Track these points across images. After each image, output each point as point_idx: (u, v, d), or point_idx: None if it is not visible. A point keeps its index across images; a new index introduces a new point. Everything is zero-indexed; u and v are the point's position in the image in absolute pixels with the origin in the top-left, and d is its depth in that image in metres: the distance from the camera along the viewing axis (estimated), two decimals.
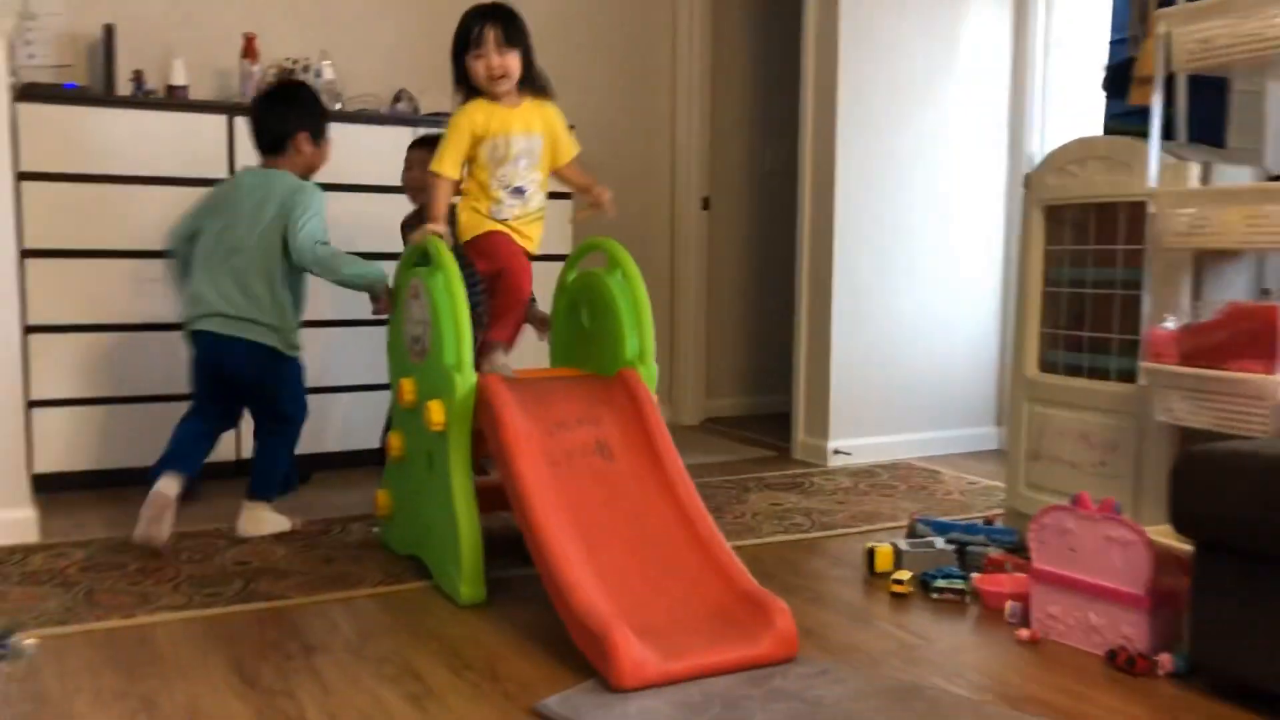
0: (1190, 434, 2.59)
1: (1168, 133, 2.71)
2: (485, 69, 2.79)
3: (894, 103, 4.25)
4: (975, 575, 2.70)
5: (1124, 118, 3.14)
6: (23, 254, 3.28)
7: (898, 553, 2.83)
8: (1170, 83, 2.73)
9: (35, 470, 3.36)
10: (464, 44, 2.83)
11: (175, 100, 3.77)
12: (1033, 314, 3.08)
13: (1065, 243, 3.02)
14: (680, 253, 5.12)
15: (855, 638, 2.42)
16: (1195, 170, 2.65)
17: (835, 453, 4.22)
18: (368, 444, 3.85)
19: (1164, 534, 2.32)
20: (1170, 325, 2.56)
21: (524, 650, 2.30)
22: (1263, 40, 2.40)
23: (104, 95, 3.70)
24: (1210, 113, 2.91)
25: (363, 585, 2.71)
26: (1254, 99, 2.93)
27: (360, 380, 3.92)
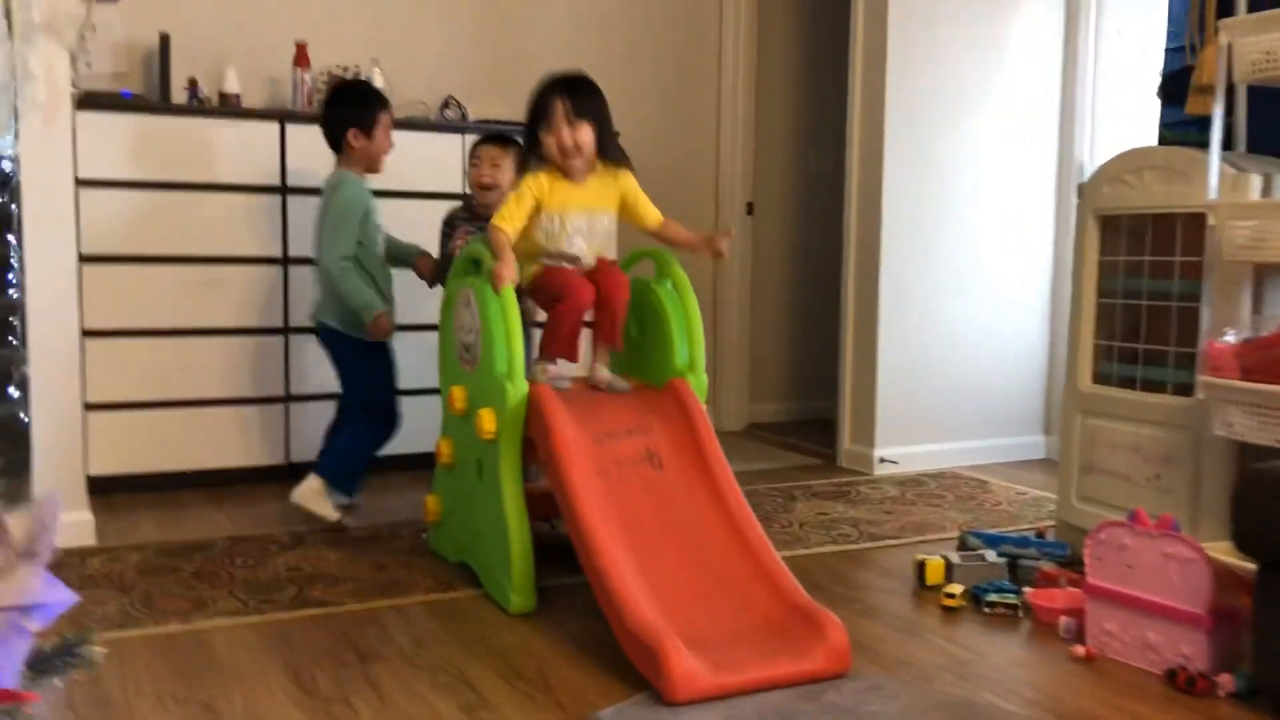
0: (1248, 449, 2.56)
1: (1226, 143, 2.68)
2: (557, 144, 2.72)
3: (942, 108, 4.23)
4: (1028, 589, 2.68)
5: (1179, 127, 3.11)
6: (80, 259, 3.33)
7: (949, 565, 2.82)
8: (1229, 92, 2.69)
9: (89, 473, 3.41)
10: (538, 117, 2.75)
11: (228, 108, 3.81)
12: (1086, 325, 3.05)
13: (1120, 253, 2.98)
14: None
15: (907, 651, 2.41)
16: (1257, 182, 2.61)
17: (882, 461, 4.20)
18: (418, 449, 3.86)
19: (1222, 551, 2.30)
20: (1230, 339, 2.52)
21: (575, 660, 2.31)
22: None
23: (159, 103, 3.75)
24: (1271, 123, 2.87)
25: (414, 592, 2.73)
26: None
27: (413, 384, 3.92)
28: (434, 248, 3.52)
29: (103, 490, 3.52)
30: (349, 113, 3.33)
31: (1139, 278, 2.93)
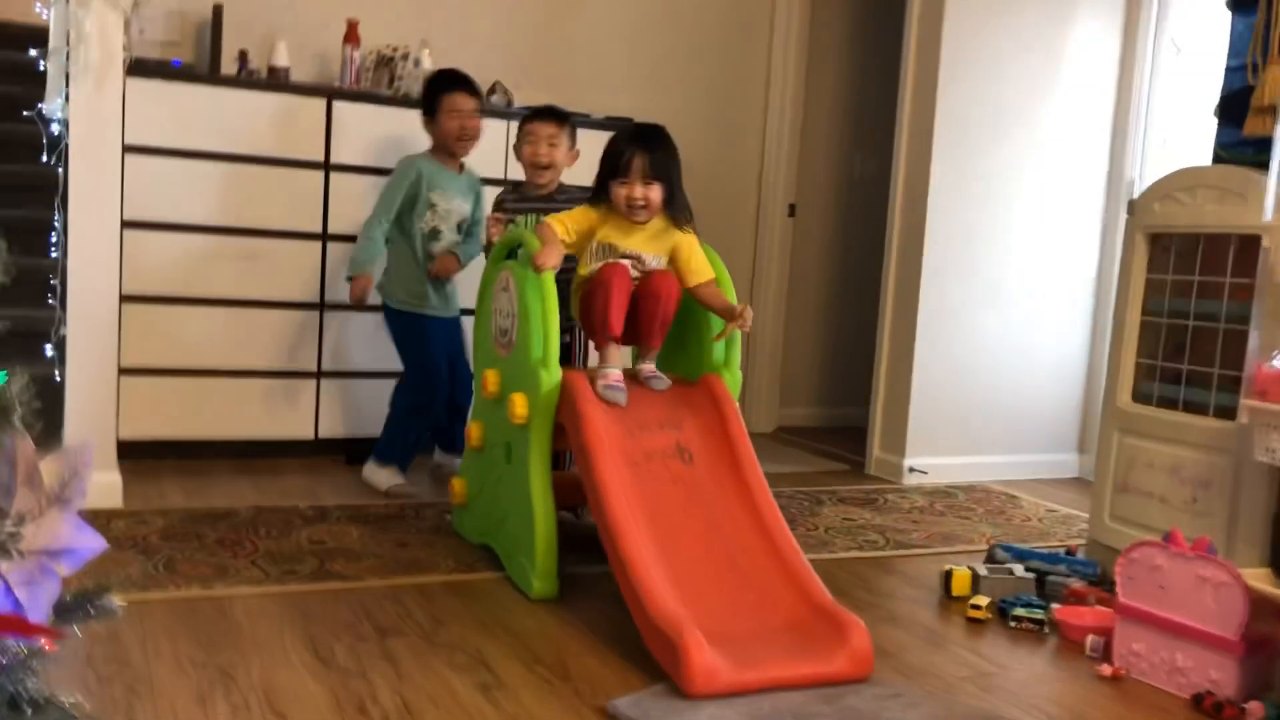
0: None
1: None
2: (626, 198, 2.71)
3: (993, 119, 4.18)
4: (1055, 606, 2.64)
5: (1236, 147, 3.05)
6: (123, 225, 3.35)
7: (976, 577, 2.78)
8: None
9: (120, 436, 3.43)
10: (612, 168, 2.73)
11: (277, 81, 3.82)
12: (1129, 343, 3.00)
13: (1167, 272, 2.93)
14: (763, 258, 5.08)
15: (930, 661, 2.37)
16: None
17: (911, 470, 4.16)
18: None
19: (1259, 577, 2.25)
20: (1278, 363, 2.47)
21: (594, 648, 2.30)
22: None
23: (209, 74, 3.77)
24: None
25: (435, 572, 2.73)
26: None
27: None
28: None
29: (132, 455, 3.54)
30: (422, 99, 3.55)
31: (1186, 297, 2.88)
